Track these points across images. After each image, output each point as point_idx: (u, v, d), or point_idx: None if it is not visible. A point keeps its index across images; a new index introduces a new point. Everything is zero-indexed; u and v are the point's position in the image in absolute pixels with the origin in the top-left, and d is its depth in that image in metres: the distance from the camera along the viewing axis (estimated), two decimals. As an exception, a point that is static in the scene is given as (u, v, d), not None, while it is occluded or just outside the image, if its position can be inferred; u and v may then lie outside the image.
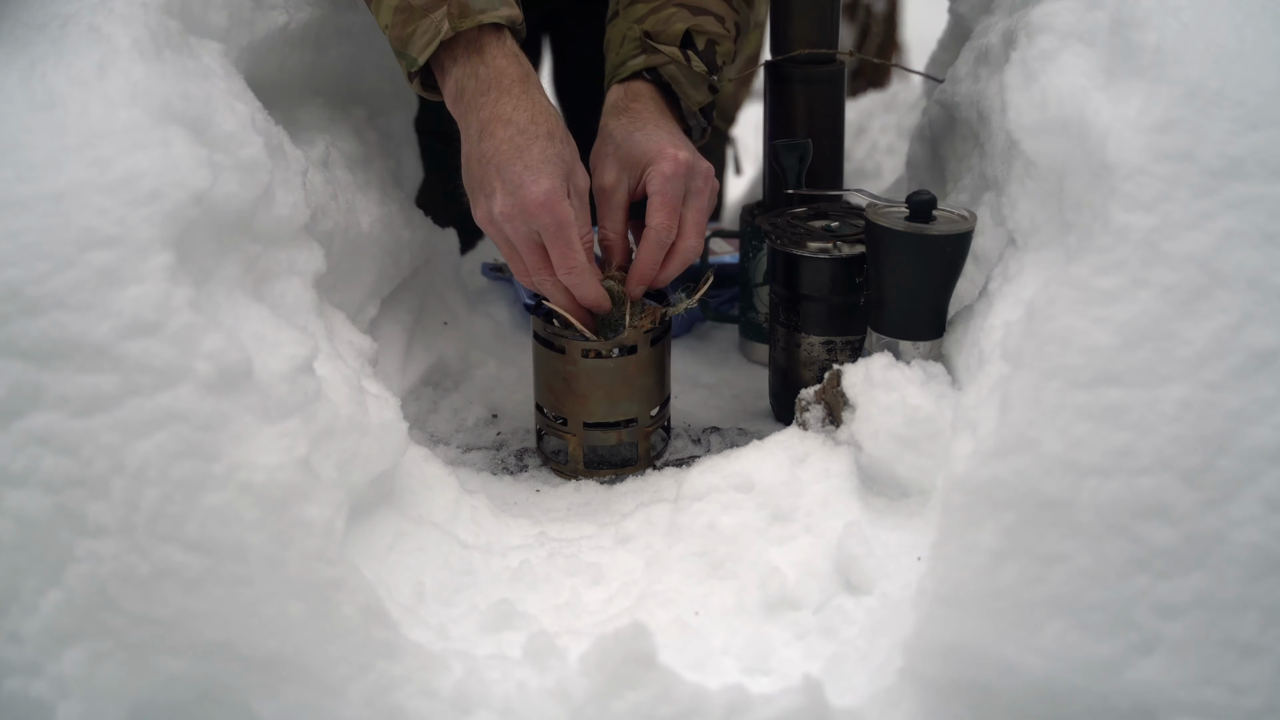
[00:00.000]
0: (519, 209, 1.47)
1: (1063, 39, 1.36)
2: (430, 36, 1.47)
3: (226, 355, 1.22)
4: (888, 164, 3.25)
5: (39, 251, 1.21)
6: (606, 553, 1.48)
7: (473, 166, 1.51)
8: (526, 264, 1.53)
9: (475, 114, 1.50)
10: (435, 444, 1.73)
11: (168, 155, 1.25)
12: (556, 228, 1.48)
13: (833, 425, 1.51)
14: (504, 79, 1.49)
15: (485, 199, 1.50)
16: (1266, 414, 1.17)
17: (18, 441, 1.19)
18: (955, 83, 1.84)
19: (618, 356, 1.62)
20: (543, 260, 1.52)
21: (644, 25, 1.66)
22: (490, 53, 1.50)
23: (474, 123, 1.50)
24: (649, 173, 1.55)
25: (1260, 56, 1.25)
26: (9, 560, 1.20)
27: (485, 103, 1.49)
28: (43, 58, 1.30)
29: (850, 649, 1.29)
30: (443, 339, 1.94)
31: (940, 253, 1.48)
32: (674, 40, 1.66)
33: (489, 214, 1.51)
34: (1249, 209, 1.21)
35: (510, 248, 1.53)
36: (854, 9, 4.86)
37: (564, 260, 1.50)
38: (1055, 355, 1.20)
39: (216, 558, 1.19)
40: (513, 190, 1.47)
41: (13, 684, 1.20)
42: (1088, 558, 1.16)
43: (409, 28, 1.47)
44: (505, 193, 1.48)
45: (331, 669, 1.20)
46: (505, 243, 1.52)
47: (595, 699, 1.16)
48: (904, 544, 1.38)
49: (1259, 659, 1.15)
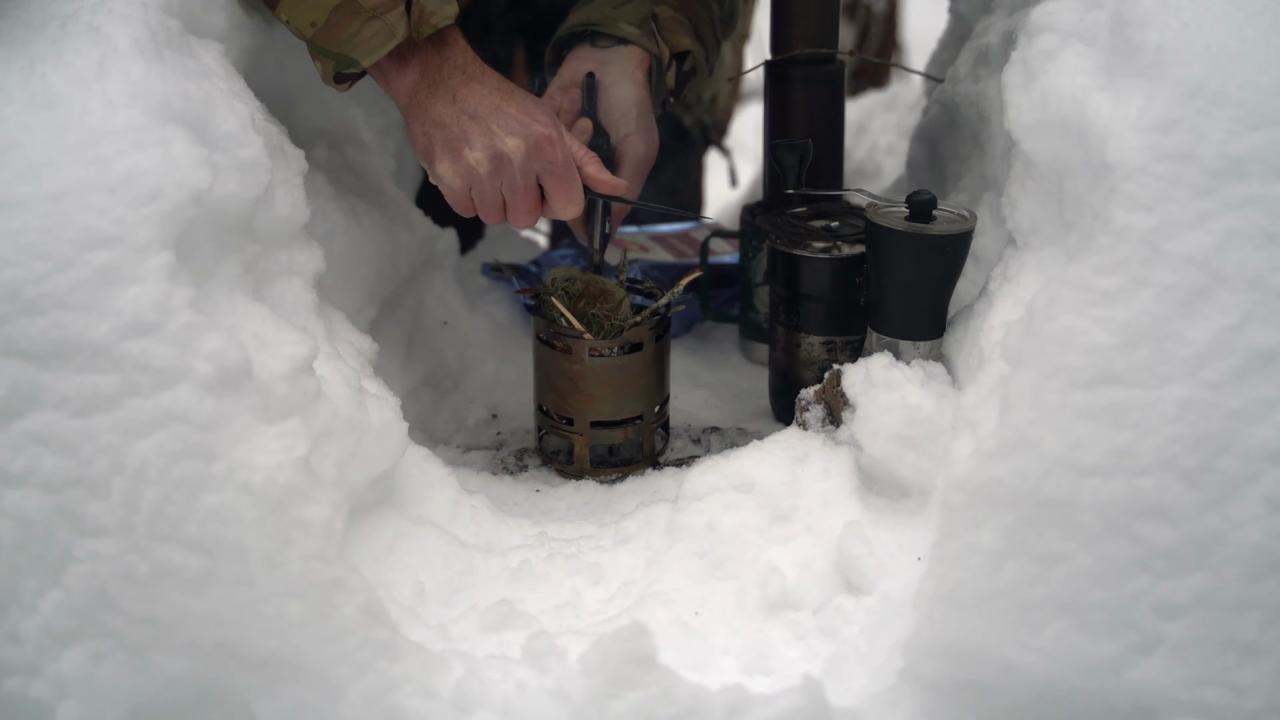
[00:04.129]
0: (532, 147, 1.50)
1: (1063, 39, 1.36)
2: (383, 39, 1.47)
3: (226, 355, 1.22)
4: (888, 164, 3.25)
5: (39, 251, 1.21)
6: (606, 553, 1.48)
7: (449, 124, 1.50)
8: (520, 206, 1.53)
9: (446, 88, 1.51)
10: (435, 444, 1.73)
11: (167, 155, 1.25)
12: (565, 164, 1.52)
13: (833, 425, 1.51)
14: (470, 66, 1.53)
15: (469, 149, 1.50)
16: (1266, 414, 1.17)
17: (17, 441, 1.19)
18: (955, 83, 1.84)
19: (623, 354, 1.62)
20: (535, 201, 1.54)
21: (657, 9, 1.69)
22: (451, 49, 1.52)
23: (444, 93, 1.51)
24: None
25: (1260, 56, 1.25)
26: (9, 560, 1.20)
27: (456, 81, 1.51)
28: (42, 57, 1.30)
29: (850, 649, 1.29)
30: (443, 339, 1.94)
31: (940, 253, 1.48)
32: (673, 47, 1.70)
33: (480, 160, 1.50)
34: (1249, 209, 1.21)
35: (494, 195, 1.52)
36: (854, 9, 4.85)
37: (570, 197, 1.54)
38: (1055, 355, 1.20)
39: (216, 558, 1.19)
40: (515, 129, 1.49)
41: (13, 684, 1.20)
42: (1088, 558, 1.16)
43: (348, 30, 1.47)
44: (506, 134, 1.49)
45: (331, 669, 1.20)
46: (493, 189, 1.52)
47: (595, 699, 1.16)
48: (904, 544, 1.38)
49: (1259, 659, 1.14)
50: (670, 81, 1.72)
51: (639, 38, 1.67)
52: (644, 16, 1.68)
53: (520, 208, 1.54)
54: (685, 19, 1.72)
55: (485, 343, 1.97)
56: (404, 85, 1.53)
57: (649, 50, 1.68)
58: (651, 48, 1.68)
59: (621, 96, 1.66)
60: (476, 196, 1.53)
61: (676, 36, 1.70)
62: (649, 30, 1.68)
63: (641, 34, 1.67)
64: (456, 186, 1.53)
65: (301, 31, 1.48)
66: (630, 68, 1.67)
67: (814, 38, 1.83)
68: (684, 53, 1.72)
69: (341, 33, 1.47)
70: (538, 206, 1.55)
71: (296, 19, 1.48)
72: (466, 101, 1.50)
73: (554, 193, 1.53)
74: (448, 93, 1.51)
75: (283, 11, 1.48)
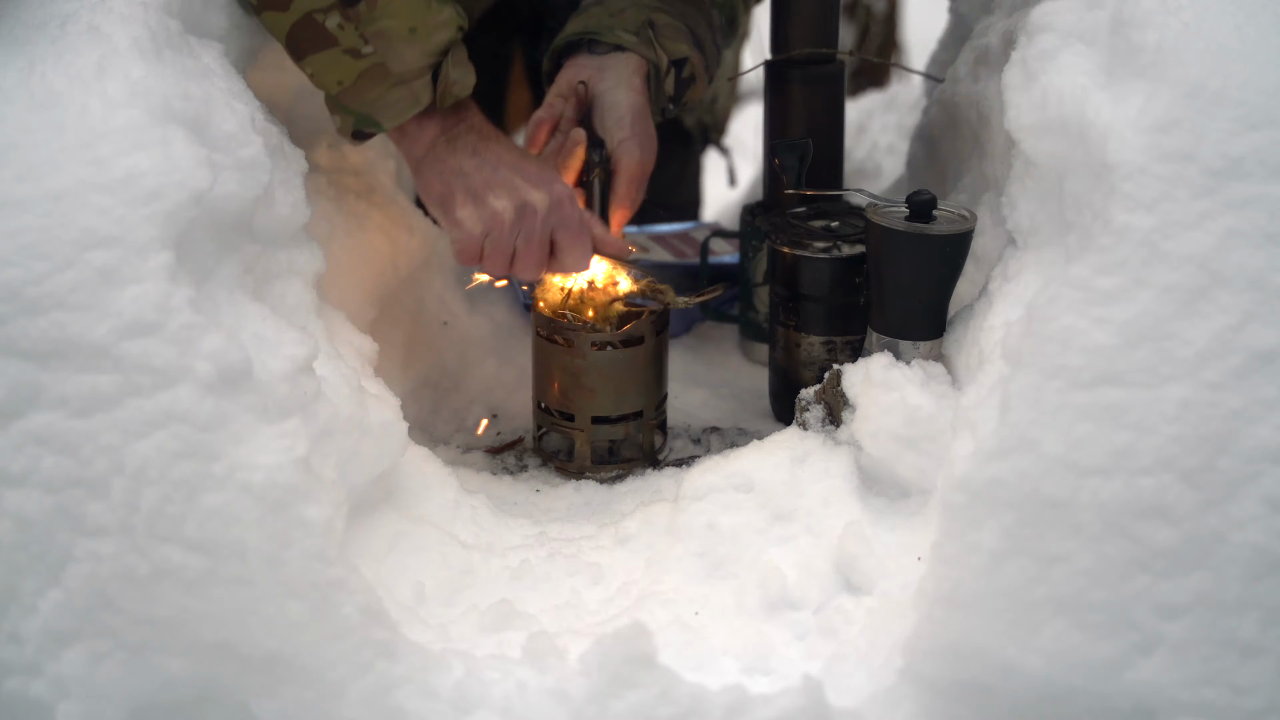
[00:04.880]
0: (554, 203, 1.55)
1: (1063, 39, 1.36)
2: (408, 105, 1.51)
3: (226, 355, 1.22)
4: (888, 164, 3.24)
5: (39, 251, 1.21)
6: (606, 553, 1.48)
7: (472, 174, 1.55)
8: (531, 258, 1.57)
9: (466, 144, 1.56)
10: (435, 444, 1.73)
11: (167, 155, 1.25)
12: (580, 224, 1.58)
13: (833, 425, 1.51)
14: (486, 129, 1.58)
15: (494, 197, 1.54)
16: (1266, 414, 1.17)
17: (17, 441, 1.19)
18: (955, 83, 1.84)
19: (625, 348, 1.63)
20: (545, 256, 1.58)
21: (654, 16, 1.70)
22: (468, 112, 1.57)
23: (463, 147, 1.56)
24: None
25: (1260, 56, 1.25)
26: (9, 560, 1.20)
27: (474, 139, 1.57)
28: (42, 57, 1.30)
29: (850, 649, 1.29)
30: (443, 339, 1.94)
31: (940, 253, 1.48)
32: (671, 54, 1.71)
33: (505, 208, 1.54)
34: (1249, 209, 1.21)
35: (508, 244, 1.56)
36: (854, 9, 4.85)
37: (582, 254, 1.59)
38: (1055, 355, 1.20)
39: (216, 558, 1.19)
40: (540, 185, 1.55)
41: (13, 684, 1.20)
42: (1088, 558, 1.16)
43: (374, 92, 1.49)
44: (532, 187, 1.54)
45: (331, 669, 1.20)
46: (510, 238, 1.56)
47: (595, 699, 1.16)
48: (904, 544, 1.38)
49: (1259, 659, 1.15)
50: (669, 89, 1.73)
51: (636, 45, 1.67)
52: (641, 24, 1.69)
53: (532, 260, 1.58)
54: (683, 26, 1.72)
55: (485, 343, 1.96)
56: (422, 140, 1.56)
57: (646, 57, 1.68)
58: (649, 55, 1.68)
59: (617, 102, 1.67)
60: (491, 244, 1.56)
61: (674, 44, 1.70)
62: (646, 37, 1.68)
63: (638, 41, 1.68)
64: (476, 232, 1.56)
65: (326, 87, 1.50)
66: (627, 74, 1.68)
67: (814, 38, 1.83)
68: (682, 60, 1.72)
69: (367, 94, 1.50)
70: (546, 261, 1.59)
71: (322, 76, 1.50)
72: (487, 156, 1.56)
73: (567, 249, 1.58)
74: (467, 147, 1.56)
75: (309, 65, 1.50)
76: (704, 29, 1.76)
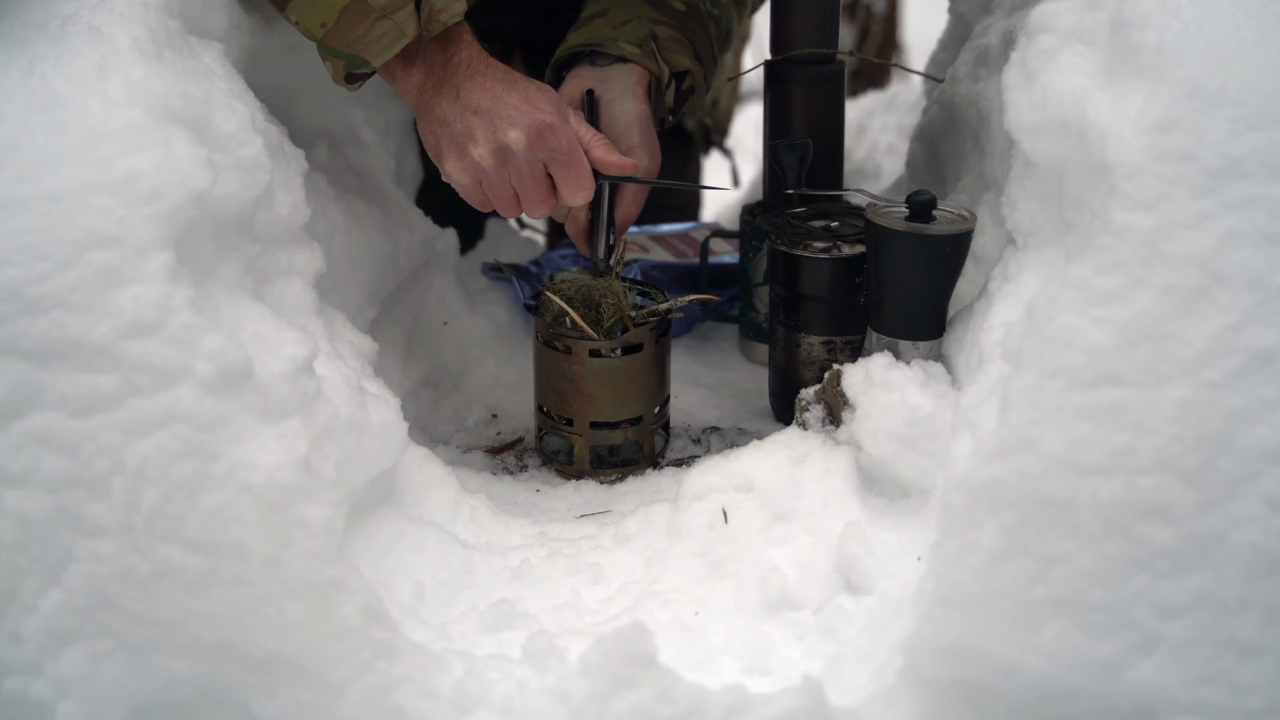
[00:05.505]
0: (534, 136, 1.49)
1: (1063, 39, 1.36)
2: (393, 38, 1.48)
3: (226, 355, 1.22)
4: (888, 164, 3.24)
5: (39, 251, 1.21)
6: (606, 553, 1.48)
7: (453, 121, 1.51)
8: (531, 196, 1.54)
9: (450, 85, 1.52)
10: (435, 444, 1.73)
11: (168, 155, 1.25)
12: (570, 150, 1.52)
13: (833, 425, 1.51)
14: (475, 61, 1.53)
15: (473, 145, 1.50)
16: (1266, 414, 1.17)
17: (18, 441, 1.19)
18: (955, 83, 1.84)
19: (623, 355, 1.62)
20: (547, 190, 1.55)
21: (656, 29, 1.70)
22: (457, 45, 1.52)
23: (448, 91, 1.51)
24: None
25: (1260, 56, 1.25)
26: (9, 560, 1.20)
27: (460, 77, 1.52)
28: (43, 57, 1.30)
29: (850, 649, 1.29)
30: (443, 339, 1.94)
31: (940, 253, 1.48)
32: (673, 67, 1.71)
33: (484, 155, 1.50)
34: (1249, 209, 1.21)
35: (505, 188, 1.53)
36: (854, 9, 4.85)
37: (579, 183, 1.54)
38: (1055, 355, 1.20)
39: (216, 558, 1.19)
40: (517, 120, 1.49)
41: (13, 684, 1.20)
42: (1088, 558, 1.16)
43: (358, 30, 1.48)
44: (508, 125, 1.49)
45: (331, 669, 1.20)
46: (502, 182, 1.53)
47: (595, 699, 1.16)
48: (904, 544, 1.38)
49: (1259, 659, 1.15)
50: (669, 100, 1.73)
51: (639, 56, 1.67)
52: (644, 36, 1.69)
53: (532, 198, 1.54)
54: (684, 39, 1.73)
55: (485, 343, 1.97)
56: (410, 85, 1.54)
57: (649, 69, 1.68)
58: (651, 66, 1.68)
59: (623, 111, 1.66)
60: (488, 191, 1.54)
61: (676, 56, 1.71)
62: (649, 49, 1.69)
63: (641, 53, 1.68)
64: (466, 183, 1.54)
65: (311, 32, 1.49)
66: (630, 84, 1.68)
67: (814, 38, 1.83)
68: (683, 72, 1.72)
69: (351, 33, 1.48)
70: (550, 194, 1.55)
71: (306, 20, 1.48)
72: (470, 97, 1.50)
73: (561, 179, 1.54)
74: (451, 90, 1.51)
75: (291, 13, 1.49)
76: (703, 41, 1.77)
